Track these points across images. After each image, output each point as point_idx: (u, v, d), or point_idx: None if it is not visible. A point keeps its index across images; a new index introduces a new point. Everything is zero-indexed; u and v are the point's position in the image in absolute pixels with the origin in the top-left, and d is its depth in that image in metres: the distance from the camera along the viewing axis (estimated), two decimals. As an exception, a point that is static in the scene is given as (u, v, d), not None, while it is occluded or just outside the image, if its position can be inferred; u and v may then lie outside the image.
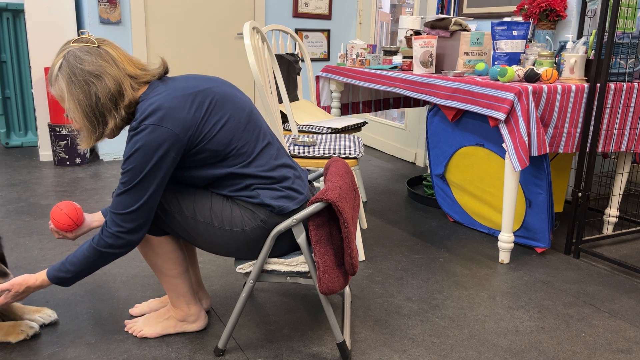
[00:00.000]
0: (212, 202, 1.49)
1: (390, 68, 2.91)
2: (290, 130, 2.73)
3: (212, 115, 1.43)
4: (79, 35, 2.93)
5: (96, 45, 1.43)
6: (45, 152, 3.88)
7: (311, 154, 2.17)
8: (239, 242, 1.50)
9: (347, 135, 2.44)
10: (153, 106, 1.39)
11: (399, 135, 4.32)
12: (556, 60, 2.47)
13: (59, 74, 1.42)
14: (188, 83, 1.46)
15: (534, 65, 2.45)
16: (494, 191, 2.57)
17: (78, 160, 3.76)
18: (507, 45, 2.47)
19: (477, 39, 2.63)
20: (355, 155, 2.17)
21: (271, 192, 1.48)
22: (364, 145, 4.75)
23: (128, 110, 1.46)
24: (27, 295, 1.58)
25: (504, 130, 2.18)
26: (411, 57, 2.82)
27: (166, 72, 1.53)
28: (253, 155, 1.48)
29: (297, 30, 4.49)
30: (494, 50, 2.51)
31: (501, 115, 2.15)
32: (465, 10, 3.47)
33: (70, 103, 1.43)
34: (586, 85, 2.26)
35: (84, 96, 1.41)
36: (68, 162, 3.73)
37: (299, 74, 3.11)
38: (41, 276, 1.53)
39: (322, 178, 2.41)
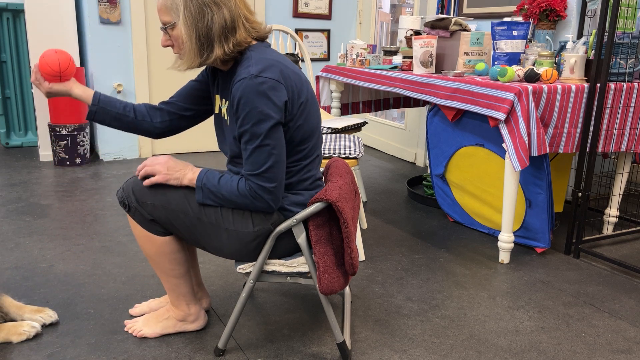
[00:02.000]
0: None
1: (390, 68, 2.91)
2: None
3: (306, 107, 1.45)
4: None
5: None
6: (45, 152, 3.88)
7: (311, 154, 2.17)
8: (243, 244, 1.49)
9: (347, 135, 2.44)
10: (271, 61, 1.38)
11: (399, 135, 4.32)
12: (556, 60, 2.47)
13: None
14: (294, 66, 1.47)
15: (534, 65, 2.45)
16: (494, 191, 2.57)
17: (78, 160, 3.76)
18: (507, 45, 2.47)
19: (477, 39, 2.63)
20: (355, 155, 2.17)
21: (295, 197, 1.50)
22: (364, 145, 4.75)
23: (237, 48, 1.42)
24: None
25: (504, 130, 2.18)
26: (411, 57, 2.82)
27: (266, 37, 1.53)
28: (308, 161, 1.50)
29: (297, 30, 4.49)
30: (494, 50, 2.51)
31: (501, 115, 2.15)
32: (465, 10, 3.47)
33: (182, 18, 1.39)
34: (586, 85, 2.26)
35: (199, 17, 1.38)
36: (68, 162, 3.73)
37: (299, 74, 3.11)
38: (193, 172, 1.47)
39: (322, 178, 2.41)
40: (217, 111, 1.57)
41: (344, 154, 2.17)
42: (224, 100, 1.52)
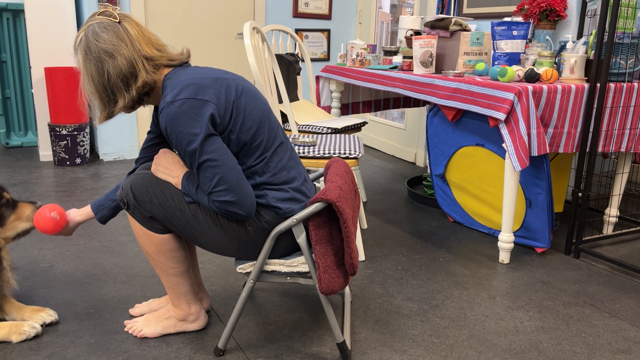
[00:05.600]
0: None
1: (390, 68, 2.91)
2: (290, 130, 2.73)
3: (241, 99, 1.44)
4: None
5: (117, 21, 1.43)
6: (45, 152, 3.88)
7: (311, 154, 2.17)
8: (241, 242, 1.50)
9: (347, 135, 2.44)
10: (185, 83, 1.39)
11: (399, 135, 4.32)
12: (556, 60, 2.47)
13: (79, 47, 1.44)
14: (213, 71, 1.48)
15: (534, 65, 2.45)
16: (494, 191, 2.57)
17: (78, 160, 3.76)
18: (507, 45, 2.47)
19: (477, 39, 2.63)
20: (355, 155, 2.17)
21: (278, 193, 1.48)
22: (364, 145, 4.75)
23: (141, 91, 1.45)
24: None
25: (504, 130, 2.18)
26: (411, 57, 2.82)
27: (186, 62, 1.54)
28: (271, 151, 1.48)
29: (297, 30, 4.49)
30: (494, 50, 2.51)
31: (501, 116, 2.15)
32: (465, 10, 3.47)
33: (85, 77, 1.45)
34: (586, 85, 2.26)
35: (96, 72, 1.42)
36: (68, 162, 3.73)
37: (299, 74, 3.11)
38: (175, 178, 1.51)
39: (322, 178, 2.41)
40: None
41: (344, 154, 2.17)
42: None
